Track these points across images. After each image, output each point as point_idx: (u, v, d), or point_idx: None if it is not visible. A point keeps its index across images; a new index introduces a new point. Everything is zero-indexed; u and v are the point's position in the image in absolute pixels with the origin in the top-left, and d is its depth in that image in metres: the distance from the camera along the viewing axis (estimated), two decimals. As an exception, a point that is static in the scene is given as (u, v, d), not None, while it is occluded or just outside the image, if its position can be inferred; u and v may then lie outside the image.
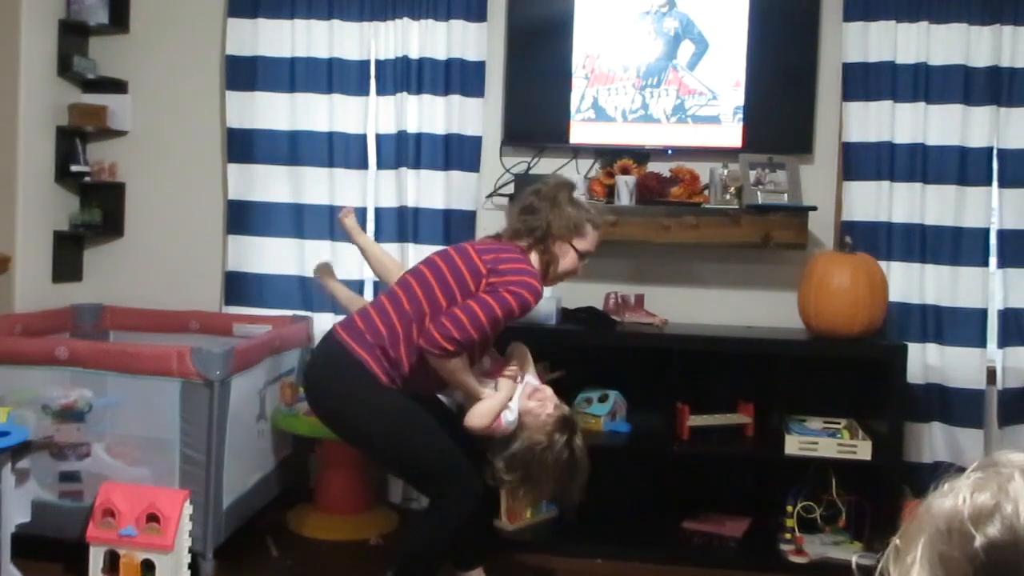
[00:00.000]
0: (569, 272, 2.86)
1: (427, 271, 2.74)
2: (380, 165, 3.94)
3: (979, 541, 0.79)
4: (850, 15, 3.71)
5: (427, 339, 2.58)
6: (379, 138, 3.93)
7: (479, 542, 3.03)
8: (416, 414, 2.70)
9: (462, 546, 2.95)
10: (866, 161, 3.70)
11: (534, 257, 2.80)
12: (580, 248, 2.83)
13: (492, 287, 2.63)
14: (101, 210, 4.13)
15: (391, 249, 3.91)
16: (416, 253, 3.85)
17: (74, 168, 4.03)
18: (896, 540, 0.88)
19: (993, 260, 3.69)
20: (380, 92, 3.92)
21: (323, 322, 3.96)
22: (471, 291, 2.64)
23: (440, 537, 2.72)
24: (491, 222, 3.70)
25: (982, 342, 3.68)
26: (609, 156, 3.83)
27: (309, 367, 2.86)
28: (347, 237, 3.32)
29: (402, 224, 3.90)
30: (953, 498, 0.84)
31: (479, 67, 3.86)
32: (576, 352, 3.67)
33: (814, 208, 3.62)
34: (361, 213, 3.97)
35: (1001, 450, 0.91)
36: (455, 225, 3.87)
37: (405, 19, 3.86)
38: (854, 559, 1.07)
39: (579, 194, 2.94)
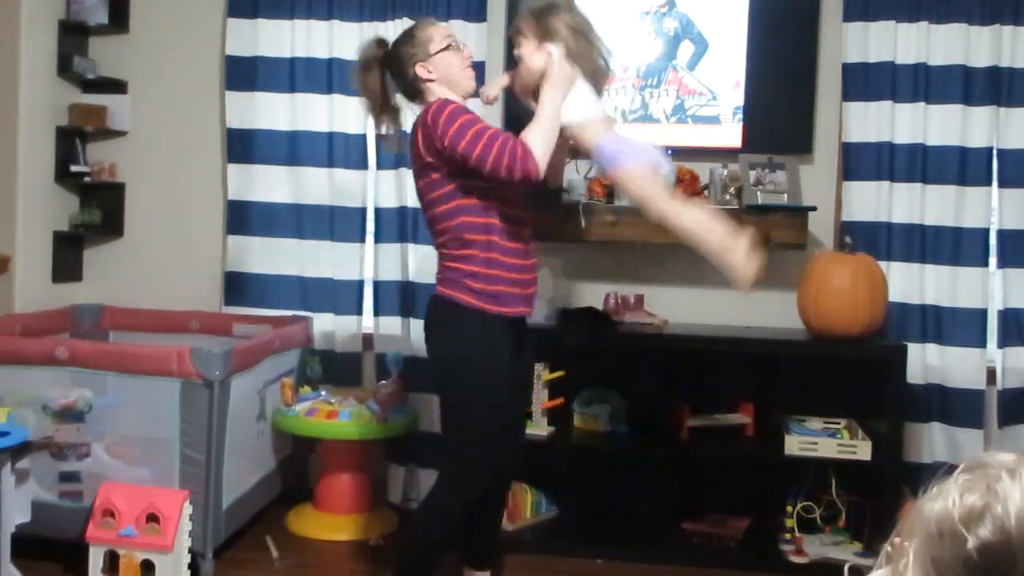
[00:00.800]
0: (460, 69, 2.67)
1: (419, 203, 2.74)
2: (380, 165, 3.94)
3: (971, 543, 0.79)
4: (850, 15, 3.71)
5: (524, 176, 2.47)
6: (379, 138, 3.93)
7: (492, 542, 2.98)
8: (488, 386, 2.58)
9: (474, 542, 2.90)
10: (866, 161, 3.70)
11: (433, 94, 2.64)
12: (440, 47, 2.64)
13: (446, 143, 2.49)
14: (101, 210, 4.13)
15: (391, 249, 3.92)
16: (416, 253, 3.85)
17: (74, 168, 4.03)
18: (888, 546, 0.89)
19: (993, 260, 3.69)
20: (380, 92, 3.92)
21: (323, 322, 3.97)
22: (437, 166, 2.56)
23: (431, 528, 2.65)
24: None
25: (982, 342, 3.68)
26: (609, 156, 3.82)
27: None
28: None
29: (402, 224, 3.90)
30: (943, 501, 0.83)
31: (479, 67, 3.84)
32: (576, 352, 3.66)
33: (814, 208, 3.62)
34: (361, 213, 3.97)
35: (989, 451, 0.92)
36: (455, 225, 3.86)
37: (405, 19, 3.85)
38: (846, 567, 1.07)
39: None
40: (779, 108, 3.77)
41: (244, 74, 3.96)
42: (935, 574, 0.80)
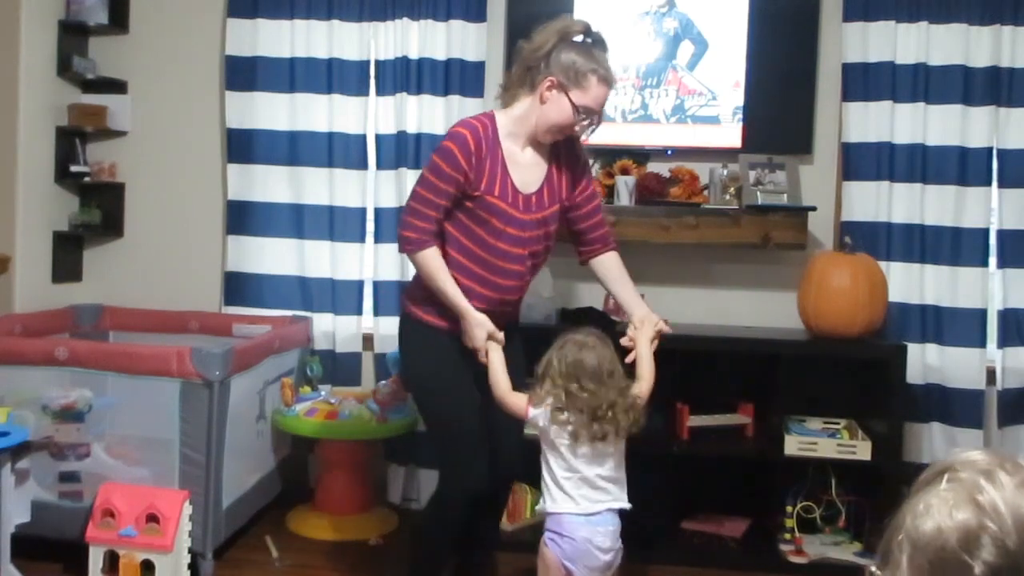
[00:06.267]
0: (560, 125, 2.48)
1: None
2: (380, 165, 3.94)
3: (978, 569, 0.79)
4: (850, 15, 3.70)
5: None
6: (379, 138, 3.93)
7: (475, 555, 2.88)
8: (452, 387, 2.55)
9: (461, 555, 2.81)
10: (866, 161, 3.70)
11: (521, 104, 2.51)
12: (577, 102, 2.44)
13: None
14: (101, 210, 4.13)
15: (391, 249, 3.91)
16: (416, 253, 3.85)
17: (74, 168, 4.03)
18: (874, 568, 0.88)
19: (993, 260, 3.70)
20: (380, 92, 3.92)
21: (323, 323, 3.97)
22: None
23: (431, 535, 2.68)
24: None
25: (982, 342, 3.68)
26: (609, 156, 3.83)
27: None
28: None
29: (402, 224, 3.90)
30: (932, 520, 0.82)
31: (479, 67, 3.86)
32: (576, 352, 3.65)
33: (814, 208, 3.62)
34: (360, 213, 3.97)
35: (956, 450, 0.91)
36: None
37: (405, 19, 3.86)
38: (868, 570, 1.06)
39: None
40: (779, 108, 3.77)
41: (244, 74, 3.96)
42: None
